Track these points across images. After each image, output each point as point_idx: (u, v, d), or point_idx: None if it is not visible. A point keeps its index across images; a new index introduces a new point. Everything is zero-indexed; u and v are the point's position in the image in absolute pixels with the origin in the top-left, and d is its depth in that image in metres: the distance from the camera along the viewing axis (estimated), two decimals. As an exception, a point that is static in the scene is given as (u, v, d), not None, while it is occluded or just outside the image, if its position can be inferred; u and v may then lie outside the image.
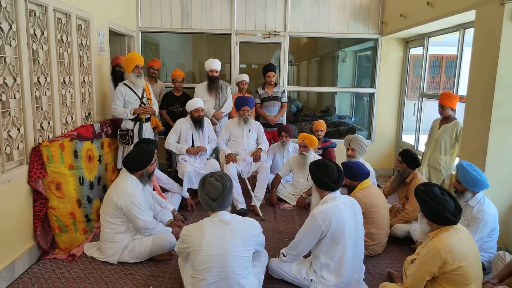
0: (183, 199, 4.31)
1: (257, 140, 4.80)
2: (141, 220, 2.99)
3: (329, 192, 2.75)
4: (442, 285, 2.29)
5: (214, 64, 5.03)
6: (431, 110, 5.40)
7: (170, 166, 5.39)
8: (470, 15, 3.88)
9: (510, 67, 3.09)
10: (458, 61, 4.45)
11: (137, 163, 3.07)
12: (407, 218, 3.54)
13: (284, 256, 2.86)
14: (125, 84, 4.31)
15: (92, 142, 3.87)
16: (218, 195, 2.36)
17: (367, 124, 7.05)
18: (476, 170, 2.98)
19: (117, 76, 4.96)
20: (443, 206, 2.29)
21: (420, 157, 3.95)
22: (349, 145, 4.14)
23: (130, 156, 3.10)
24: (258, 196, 4.36)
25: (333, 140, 5.39)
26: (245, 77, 5.50)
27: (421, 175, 3.68)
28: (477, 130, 3.39)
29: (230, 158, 4.46)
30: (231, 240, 2.30)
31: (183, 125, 4.50)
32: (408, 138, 6.01)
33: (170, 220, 3.48)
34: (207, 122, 4.62)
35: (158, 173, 4.10)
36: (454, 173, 4.21)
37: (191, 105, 4.43)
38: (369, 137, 6.20)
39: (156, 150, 3.33)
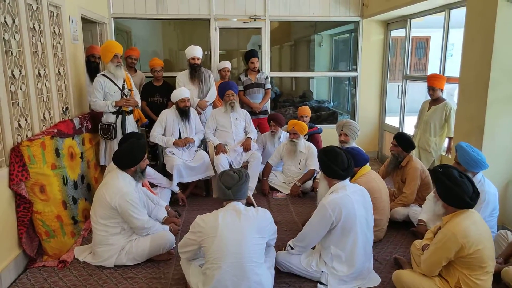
0: (173, 193, 4.13)
1: (245, 128, 4.65)
2: (138, 220, 2.81)
3: (338, 181, 2.67)
4: (458, 269, 2.28)
5: (196, 51, 4.80)
6: (414, 91, 5.47)
7: (153, 159, 5.17)
8: (457, -5, 3.87)
9: (506, 46, 3.09)
10: (444, 42, 4.45)
11: (130, 160, 2.87)
12: (406, 201, 3.54)
13: (292, 248, 2.77)
14: (104, 75, 4.03)
15: (73, 138, 3.60)
16: (233, 184, 2.35)
17: (350, 108, 7.05)
18: (476, 150, 2.99)
19: (92, 67, 4.65)
20: (461, 189, 2.26)
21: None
22: (342, 130, 4.08)
23: (121, 152, 2.89)
24: (250, 185, 4.24)
25: (317, 126, 5.34)
26: (227, 64, 5.32)
27: (416, 158, 3.68)
28: (472, 110, 3.40)
29: (220, 149, 4.30)
30: (247, 228, 2.26)
31: (168, 116, 4.28)
32: (390, 120, 6.05)
33: (165, 217, 3.31)
34: (193, 112, 4.42)
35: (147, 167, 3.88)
36: (443, 154, 4.27)
37: (177, 95, 4.22)
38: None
39: (146, 144, 3.13)
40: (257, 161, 4.32)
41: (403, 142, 3.62)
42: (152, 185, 4.01)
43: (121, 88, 4.10)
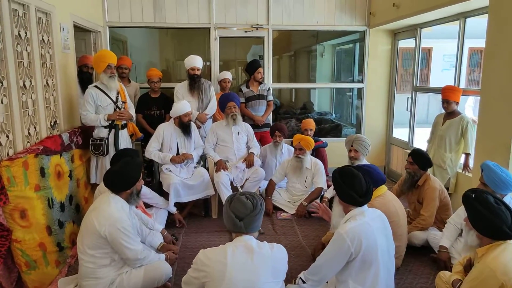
0: (170, 214, 3.81)
1: (247, 143, 4.37)
2: (131, 250, 2.49)
3: (355, 207, 2.38)
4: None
5: (196, 61, 4.54)
6: (417, 103, 5.23)
7: (149, 175, 4.86)
8: (474, 3, 3.63)
9: (535, 56, 2.84)
10: (459, 53, 4.21)
11: (124, 182, 2.56)
12: (424, 224, 3.24)
13: (304, 282, 2.45)
14: (96, 86, 3.75)
15: (61, 155, 3.30)
16: (246, 214, 1.97)
17: (354, 120, 6.79)
18: (504, 171, 2.72)
19: (85, 78, 4.36)
20: (499, 218, 1.97)
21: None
22: (352, 146, 3.80)
23: (113, 174, 2.58)
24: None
25: (322, 139, 5.08)
26: (228, 75, 5.06)
27: (434, 177, 3.39)
28: (496, 126, 3.13)
29: (220, 165, 4.00)
30: (261, 271, 1.91)
31: (166, 131, 3.99)
32: (397, 133, 5.78)
33: (161, 244, 2.98)
34: (192, 126, 4.14)
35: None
36: (460, 171, 3.99)
37: (179, 109, 3.93)
38: (358, 134, 5.91)
39: (142, 163, 2.83)
40: (259, 177, 4.03)
41: (420, 159, 3.35)
42: (147, 205, 3.70)
43: (114, 100, 3.82)
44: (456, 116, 3.97)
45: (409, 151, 5.06)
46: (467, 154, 3.90)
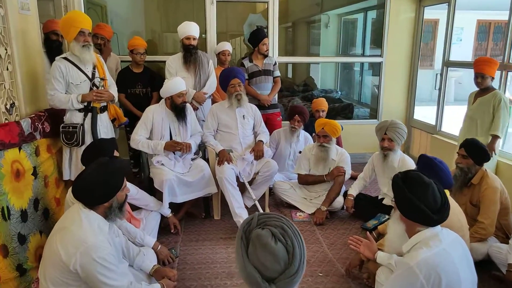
0: (163, 217, 3.10)
1: (253, 129, 3.64)
2: (113, 289, 1.79)
3: (425, 227, 1.72)
4: None
5: (192, 29, 3.73)
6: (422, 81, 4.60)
7: (136, 166, 4.13)
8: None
9: None
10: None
11: (100, 193, 1.83)
12: (484, 234, 2.61)
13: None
14: (65, 58, 2.95)
15: (20, 149, 2.53)
16: (280, 272, 1.11)
17: (370, 99, 6.11)
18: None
19: (54, 47, 3.53)
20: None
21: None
22: (385, 133, 3.11)
23: (85, 182, 1.84)
24: (252, 196, 3.24)
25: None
26: (228, 46, 4.28)
27: (494, 175, 2.74)
28: None
29: (223, 156, 3.28)
30: None
31: (156, 114, 3.23)
32: (420, 115, 5.11)
33: (154, 267, 2.27)
34: (188, 109, 3.38)
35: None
36: (499, 158, 3.38)
37: (172, 88, 3.17)
38: (375, 116, 5.24)
39: (126, 166, 2.08)
40: (271, 171, 3.32)
41: (477, 152, 2.70)
42: (135, 208, 2.98)
43: (90, 76, 3.03)
44: (489, 93, 3.32)
45: (436, 136, 4.55)
46: (495, 137, 3.27)
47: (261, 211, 3.15)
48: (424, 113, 5.33)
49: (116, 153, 2.48)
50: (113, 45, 5.24)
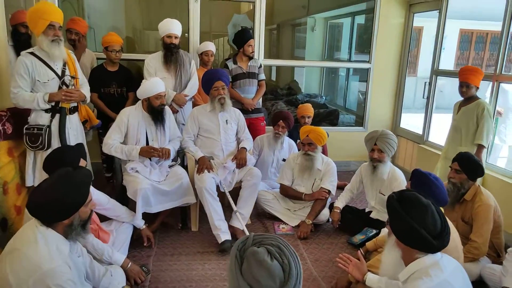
0: (135, 228, 2.86)
1: (236, 134, 3.44)
2: (71, 322, 1.56)
3: (425, 254, 1.56)
4: None
5: (173, 26, 3.51)
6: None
7: (109, 170, 3.86)
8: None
9: None
10: (505, 35, 3.40)
11: (57, 209, 1.60)
12: (476, 254, 2.48)
13: None
14: (32, 53, 2.69)
15: (-26, 153, 2.27)
16: None
17: (356, 106, 6.00)
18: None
19: (22, 41, 3.25)
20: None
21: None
22: (375, 144, 2.96)
23: (41, 195, 1.61)
24: (243, 213, 3.04)
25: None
26: (211, 46, 4.07)
27: (487, 191, 2.62)
28: None
29: (204, 164, 3.06)
30: None
31: (131, 117, 2.98)
32: (403, 123, 5.01)
33: (123, 288, 2.05)
34: (167, 112, 3.15)
35: (95, 194, 2.58)
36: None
37: (150, 89, 2.95)
38: (361, 123, 5.11)
39: (92, 176, 1.84)
40: (255, 180, 3.12)
41: (471, 166, 2.58)
42: (105, 218, 2.74)
43: (59, 74, 2.77)
44: (472, 102, 3.23)
45: (423, 146, 4.45)
46: (480, 146, 3.18)
47: (238, 216, 2.95)
48: (407, 121, 5.24)
49: (82, 162, 2.24)
50: (90, 41, 4.96)
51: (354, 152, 4.96)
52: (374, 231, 2.97)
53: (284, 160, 3.79)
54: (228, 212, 3.08)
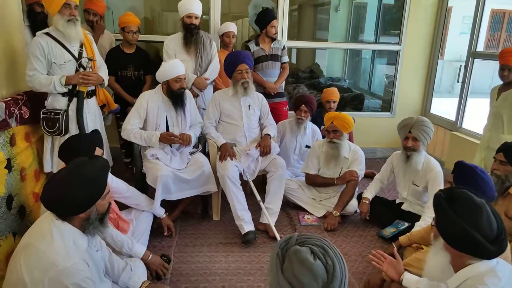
0: (155, 217, 2.76)
1: (259, 120, 3.28)
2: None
3: (479, 260, 1.39)
4: None
5: (193, 6, 3.33)
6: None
7: (127, 155, 3.77)
8: None
9: None
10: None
11: (72, 203, 1.48)
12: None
13: None
14: (47, 34, 2.56)
15: (-10, 138, 2.18)
16: None
17: (383, 90, 5.73)
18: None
19: (38, 21, 3.13)
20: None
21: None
22: (409, 132, 2.75)
23: (54, 188, 1.49)
24: (272, 208, 2.91)
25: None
26: (233, 27, 3.88)
27: (535, 183, 2.40)
28: None
29: (226, 151, 2.92)
30: None
31: (151, 102, 2.85)
32: (438, 110, 4.75)
33: (145, 284, 1.94)
34: (188, 96, 3.01)
35: (113, 182, 2.47)
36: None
37: (169, 71, 2.80)
38: (388, 108, 4.87)
39: (109, 166, 1.71)
40: (281, 171, 2.97)
41: (517, 157, 2.35)
42: (124, 206, 2.64)
43: (76, 56, 2.65)
44: None
45: (457, 133, 4.19)
46: None
47: (265, 212, 2.81)
48: (434, 106, 4.96)
49: (98, 151, 2.12)
50: (108, 22, 4.82)
51: (381, 139, 4.74)
52: (406, 224, 2.79)
53: (307, 146, 3.63)
54: (250, 201, 2.94)
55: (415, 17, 4.44)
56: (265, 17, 3.80)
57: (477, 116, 4.35)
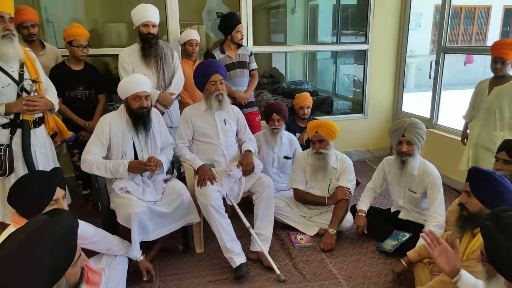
0: (130, 260, 2.34)
1: (236, 135, 2.96)
2: None
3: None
4: None
5: (149, 13, 2.96)
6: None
7: (86, 186, 3.30)
8: None
9: None
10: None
11: (31, 283, 1.08)
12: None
13: None
14: (-23, 54, 2.09)
15: None
16: None
17: (352, 92, 5.62)
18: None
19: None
20: None
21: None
22: (403, 136, 2.57)
23: (7, 267, 1.08)
24: (263, 234, 2.59)
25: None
26: (194, 34, 3.53)
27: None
28: None
29: (205, 174, 2.57)
30: None
31: (113, 126, 2.44)
32: (407, 106, 4.69)
33: None
34: (155, 115, 2.63)
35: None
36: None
37: (126, 87, 2.44)
38: (360, 110, 4.74)
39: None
40: (268, 191, 2.66)
41: (523, 156, 2.23)
42: (92, 252, 2.21)
43: (16, 78, 2.19)
44: (508, 81, 2.91)
45: (433, 130, 4.12)
46: None
47: (256, 239, 2.50)
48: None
49: (59, 192, 1.70)
50: (49, 36, 4.31)
51: (355, 142, 4.60)
52: (407, 235, 2.60)
53: (286, 157, 3.37)
54: (235, 224, 2.59)
55: (380, 15, 4.35)
56: (230, 22, 3.51)
57: (445, 110, 4.36)
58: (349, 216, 2.84)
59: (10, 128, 2.20)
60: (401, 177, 2.70)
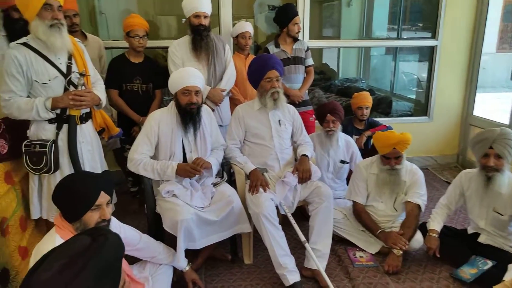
0: (176, 270, 2.17)
1: (291, 137, 2.70)
2: None
3: None
4: None
5: (201, 4, 2.76)
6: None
7: (135, 183, 3.19)
8: None
9: None
10: None
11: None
12: None
13: None
14: (25, 44, 1.98)
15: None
16: None
17: (415, 92, 5.16)
18: None
19: (17, 29, 2.52)
20: None
21: None
22: (491, 148, 2.18)
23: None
24: (320, 249, 2.32)
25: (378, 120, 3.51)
26: (248, 27, 3.30)
27: None
28: None
29: (257, 180, 2.34)
30: None
31: (163, 124, 2.27)
32: (482, 112, 4.18)
33: None
34: (206, 112, 2.43)
35: (122, 232, 1.86)
36: None
37: (176, 81, 2.25)
38: (424, 112, 4.31)
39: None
40: (327, 203, 2.37)
41: None
42: (135, 259, 2.05)
43: (64, 71, 2.07)
44: None
45: None
46: None
47: (311, 254, 2.23)
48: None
49: (102, 198, 1.53)
50: (101, 28, 4.27)
51: (417, 147, 4.16)
52: (490, 263, 2.22)
53: (342, 162, 3.07)
54: (287, 234, 2.34)
55: (453, 7, 3.89)
56: (287, 13, 3.25)
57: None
58: (418, 236, 2.47)
59: (56, 124, 2.08)
60: (485, 195, 2.31)
